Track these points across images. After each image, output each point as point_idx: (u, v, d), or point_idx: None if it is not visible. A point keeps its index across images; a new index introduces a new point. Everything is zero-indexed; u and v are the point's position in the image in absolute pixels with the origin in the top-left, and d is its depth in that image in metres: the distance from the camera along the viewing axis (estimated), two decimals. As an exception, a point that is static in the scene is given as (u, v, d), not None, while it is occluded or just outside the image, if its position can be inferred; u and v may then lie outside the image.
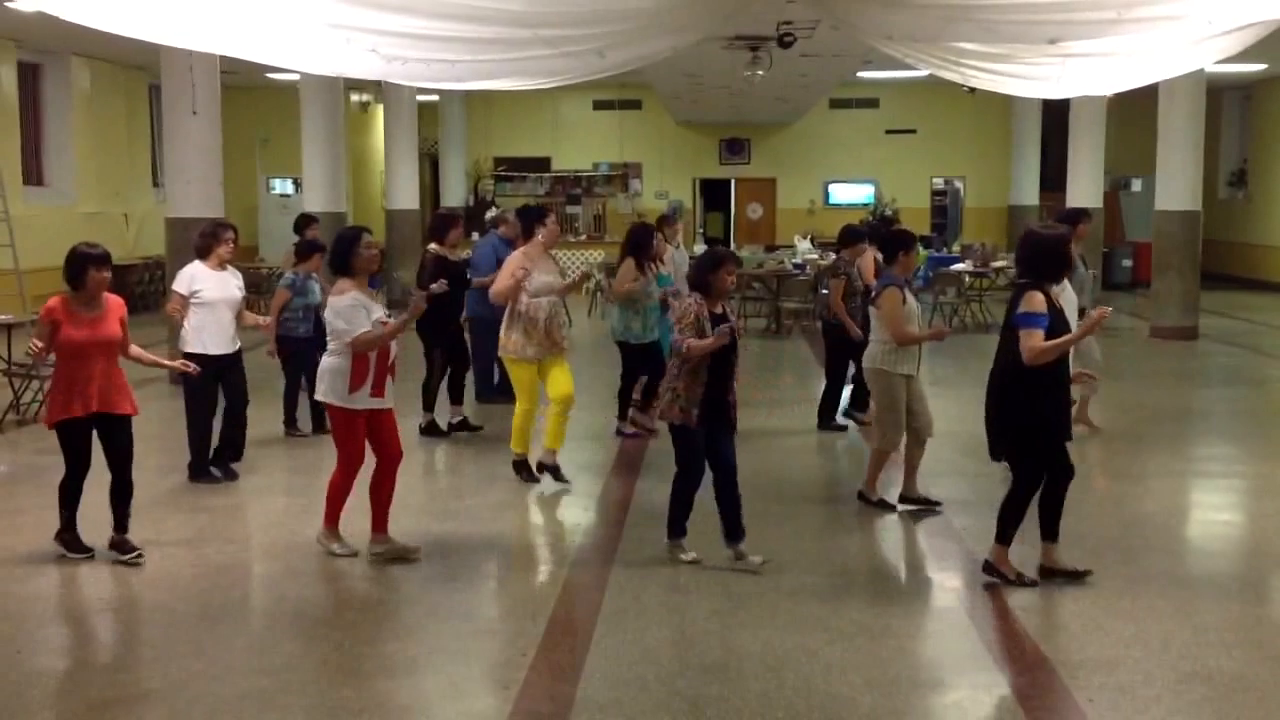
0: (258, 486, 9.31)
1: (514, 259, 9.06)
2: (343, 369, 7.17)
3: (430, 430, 10.86)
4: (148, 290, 20.44)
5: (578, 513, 8.73)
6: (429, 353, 10.95)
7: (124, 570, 7.23)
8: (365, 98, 27.21)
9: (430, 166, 29.29)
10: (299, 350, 10.58)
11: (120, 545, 7.40)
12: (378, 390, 7.25)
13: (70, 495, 7.37)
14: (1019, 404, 6.66)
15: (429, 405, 10.93)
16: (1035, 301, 6.58)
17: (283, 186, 27.03)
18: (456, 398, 11.07)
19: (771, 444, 10.49)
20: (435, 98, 26.93)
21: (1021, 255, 6.88)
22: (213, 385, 9.08)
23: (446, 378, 11.03)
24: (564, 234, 24.84)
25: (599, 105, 29.54)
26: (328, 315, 7.36)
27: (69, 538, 7.42)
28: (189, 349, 8.87)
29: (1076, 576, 6.89)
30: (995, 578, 6.84)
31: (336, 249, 7.41)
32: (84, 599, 6.84)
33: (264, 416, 10.45)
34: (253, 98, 24.10)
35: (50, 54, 20.20)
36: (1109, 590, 6.81)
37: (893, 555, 7.89)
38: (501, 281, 8.98)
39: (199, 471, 9.22)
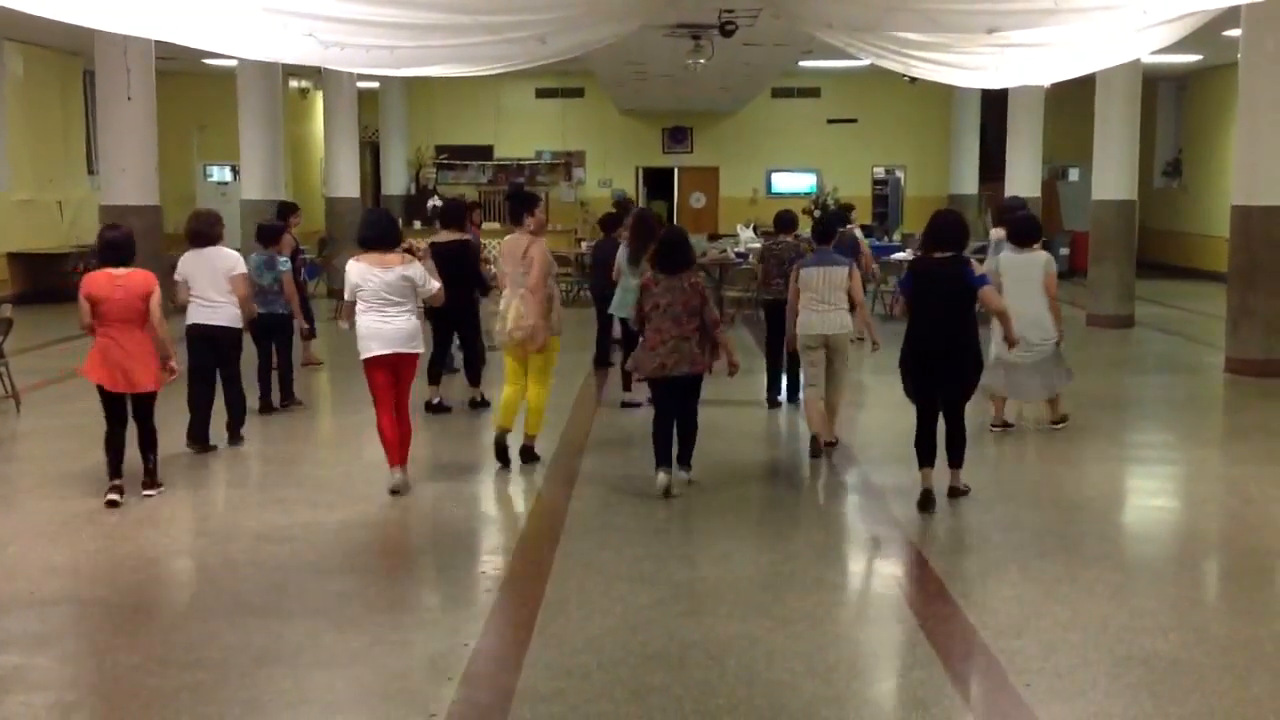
0: (199, 474, 9.20)
1: (541, 248, 9.05)
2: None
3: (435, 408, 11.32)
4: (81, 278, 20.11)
5: (520, 499, 8.71)
6: (436, 332, 11.38)
7: (55, 563, 7.13)
8: (304, 84, 26.92)
9: (371, 154, 29.05)
10: (283, 326, 11.26)
11: (151, 487, 8.46)
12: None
13: (113, 446, 8.34)
14: (977, 350, 8.13)
15: (434, 380, 11.43)
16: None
17: (220, 174, 26.70)
18: (475, 379, 11.56)
19: (714, 430, 10.52)
20: (376, 85, 26.68)
21: (950, 235, 8.25)
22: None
23: (462, 359, 11.70)
24: (506, 222, 24.71)
25: (542, 93, 29.41)
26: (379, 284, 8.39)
27: (116, 484, 8.32)
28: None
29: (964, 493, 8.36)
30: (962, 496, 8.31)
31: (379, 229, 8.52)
32: (15, 592, 6.72)
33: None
34: (189, 84, 23.73)
35: (-19, 39, 19.84)
36: (1047, 575, 6.89)
37: (833, 542, 7.93)
38: (540, 271, 9.02)
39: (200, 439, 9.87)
